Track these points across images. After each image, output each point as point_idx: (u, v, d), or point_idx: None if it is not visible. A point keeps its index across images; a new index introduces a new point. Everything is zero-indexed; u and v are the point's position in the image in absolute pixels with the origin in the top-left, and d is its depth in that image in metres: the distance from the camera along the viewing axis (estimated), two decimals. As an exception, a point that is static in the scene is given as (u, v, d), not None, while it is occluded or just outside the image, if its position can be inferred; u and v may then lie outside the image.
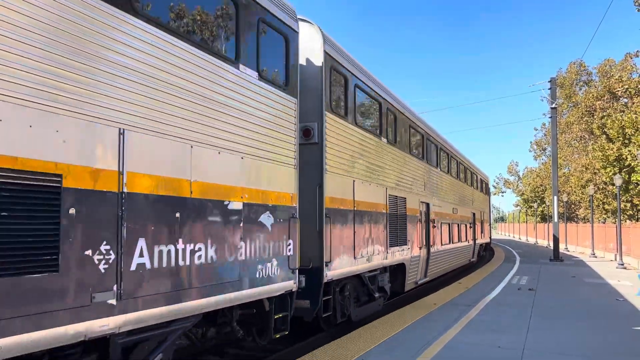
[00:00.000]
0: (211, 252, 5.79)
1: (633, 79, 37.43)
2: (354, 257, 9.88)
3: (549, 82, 32.29)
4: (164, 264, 5.10)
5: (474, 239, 25.75)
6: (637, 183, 30.16)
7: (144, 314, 4.83)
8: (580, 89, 51.20)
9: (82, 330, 4.20)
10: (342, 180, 9.56)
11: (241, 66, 6.47)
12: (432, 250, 15.95)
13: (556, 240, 29.87)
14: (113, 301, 4.48)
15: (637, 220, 33.49)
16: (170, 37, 5.33)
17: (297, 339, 9.26)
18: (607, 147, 34.19)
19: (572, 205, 56.20)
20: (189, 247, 5.44)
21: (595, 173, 39.49)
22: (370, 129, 11.40)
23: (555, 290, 15.38)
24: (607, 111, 39.83)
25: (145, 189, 4.93)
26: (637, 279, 16.03)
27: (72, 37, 4.29)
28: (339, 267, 9.17)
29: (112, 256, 4.50)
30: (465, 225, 23.24)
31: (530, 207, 73.39)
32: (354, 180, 10.09)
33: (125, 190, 4.68)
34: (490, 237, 34.65)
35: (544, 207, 66.17)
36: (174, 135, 5.29)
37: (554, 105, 31.82)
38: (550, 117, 32.26)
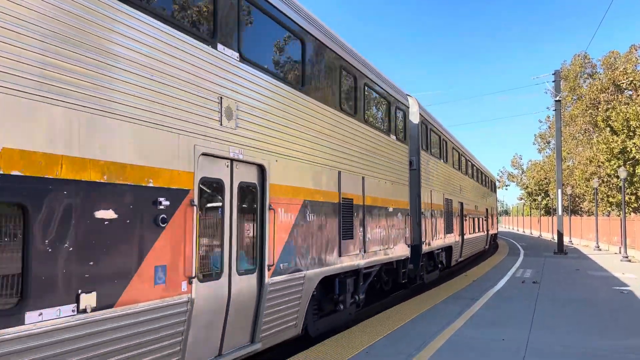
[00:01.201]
0: (382, 233, 11.10)
1: (638, 71, 37.21)
2: (433, 239, 15.89)
3: (553, 74, 32.14)
4: (371, 237, 10.49)
5: (487, 230, 30.87)
6: (641, 175, 30.06)
7: (367, 260, 10.25)
8: (585, 82, 50.94)
9: (355, 264, 9.62)
10: (428, 192, 15.61)
11: (391, 135, 12.00)
12: (465, 237, 21.91)
13: (560, 234, 29.82)
14: (362, 254, 9.92)
15: (642, 213, 33.38)
16: (354, 121, 9.76)
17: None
18: (611, 140, 34.04)
19: (577, 198, 56.07)
20: (374, 229, 10.70)
21: (599, 166, 39.34)
22: (437, 156, 17.45)
23: (560, 283, 15.38)
24: (612, 104, 39.63)
25: (357, 201, 9.79)
26: (642, 271, 15.98)
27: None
28: (427, 245, 15.12)
29: (361, 234, 9.90)
30: (482, 219, 28.17)
31: (535, 200, 73.26)
32: (431, 190, 15.98)
33: (365, 203, 10.14)
34: (497, 229, 40.84)
35: (548, 200, 66.05)
36: (357, 173, 9.85)
37: (558, 98, 31.68)
38: (555, 110, 32.12)
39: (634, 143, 30.53)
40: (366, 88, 10.51)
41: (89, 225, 4.24)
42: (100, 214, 4.36)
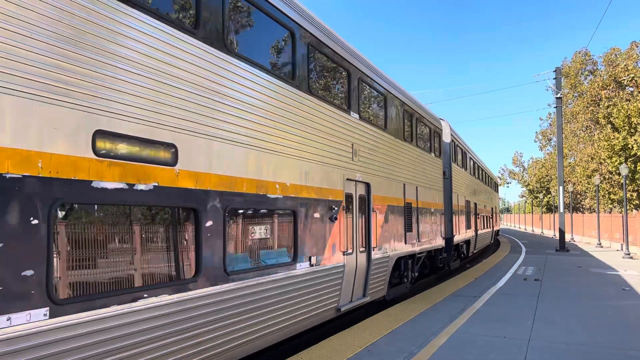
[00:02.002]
0: (428, 227, 14.58)
1: (639, 67, 37.14)
2: (458, 233, 19.51)
3: (554, 71, 32.08)
4: (422, 231, 13.90)
5: (492, 226, 34.49)
6: (643, 172, 30.00)
7: (420, 247, 13.69)
8: (586, 79, 50.84)
9: (413, 250, 13.16)
10: (455, 195, 19.24)
11: (431, 153, 15.57)
12: (478, 232, 25.60)
13: (562, 231, 29.81)
14: (417, 243, 13.41)
15: (644, 210, 33.33)
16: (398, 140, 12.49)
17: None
18: (612, 137, 33.98)
19: (578, 196, 56.00)
20: (423, 225, 14.13)
21: (601, 163, 39.28)
22: (460, 165, 21.37)
23: (561, 281, 15.37)
24: (613, 100, 39.56)
25: (414, 204, 13.42)
26: (644, 268, 15.96)
27: None
28: (457, 237, 19.06)
29: (416, 228, 13.38)
30: (489, 217, 32.01)
31: (536, 197, 73.19)
32: (457, 194, 19.65)
33: (418, 206, 13.76)
34: (499, 225, 45.52)
35: (549, 198, 65.98)
36: (413, 183, 13.35)
37: (559, 95, 31.62)
38: (556, 107, 32.09)
39: (635, 140, 30.47)
40: (418, 122, 14.36)
41: (311, 222, 7.90)
42: (315, 215, 8.03)
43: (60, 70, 4.10)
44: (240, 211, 6.41)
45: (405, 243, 12.49)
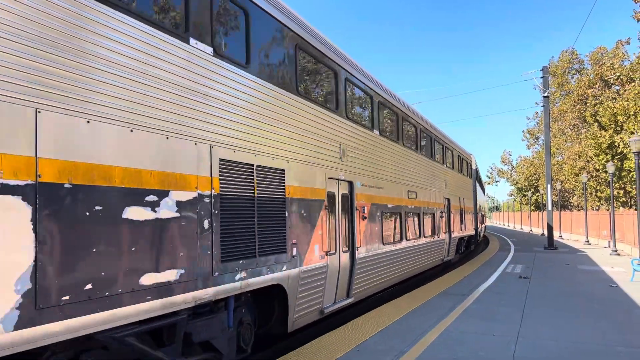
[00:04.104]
0: (467, 220, 24.83)
1: (624, 66, 37.51)
2: (479, 226, 30.41)
3: (541, 70, 32.32)
4: (465, 222, 24.61)
5: (484, 222, 43.18)
6: (629, 170, 30.25)
7: (463, 234, 23.96)
8: (573, 77, 51.26)
9: (461, 235, 22.99)
10: (477, 201, 28.87)
11: (464, 175, 25.11)
12: (479, 228, 31.33)
13: (550, 228, 30.02)
14: (461, 230, 23.14)
15: (630, 207, 33.67)
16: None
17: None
18: (599, 135, 34.30)
19: (566, 193, 56.47)
20: (467, 219, 24.95)
21: (588, 161, 39.64)
22: (476, 182, 28.46)
23: (550, 278, 15.48)
24: (600, 99, 39.92)
25: (461, 207, 23.31)
26: (631, 265, 16.12)
27: None
28: (481, 229, 34.72)
29: (459, 221, 22.99)
30: (484, 215, 40.81)
31: (524, 195, 73.67)
32: (478, 200, 28.58)
33: (463, 207, 24.33)
34: (486, 222, 53.07)
35: (537, 196, 66.46)
36: (458, 196, 22.58)
37: (546, 94, 31.85)
38: (543, 106, 32.32)
39: (622, 138, 30.78)
40: (455, 155, 20.14)
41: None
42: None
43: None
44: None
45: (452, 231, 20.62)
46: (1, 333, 3.65)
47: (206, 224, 5.67)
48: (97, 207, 4.40)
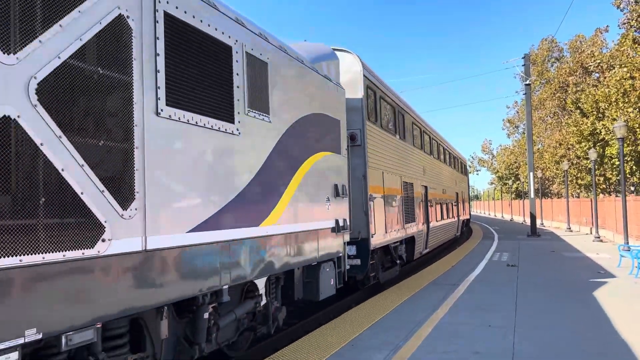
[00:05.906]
0: (463, 208, 30.81)
1: (604, 53, 37.72)
2: (468, 213, 35.16)
3: (522, 58, 32.29)
4: (464, 210, 32.14)
5: (469, 213, 45.45)
6: (611, 157, 30.47)
7: (463, 218, 31.35)
8: (552, 66, 51.58)
9: (462, 219, 30.78)
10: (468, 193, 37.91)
11: (460, 173, 31.08)
12: (461, 218, 31.08)
13: (533, 216, 30.16)
14: (459, 216, 28.74)
15: (610, 194, 33.99)
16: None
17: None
18: (581, 122, 34.48)
19: (546, 181, 57.03)
20: (465, 207, 32.93)
21: (569, 148, 39.91)
22: (464, 175, 33.28)
23: (538, 266, 15.37)
24: (581, 86, 40.16)
25: (465, 197, 33.62)
26: (618, 251, 16.11)
27: None
28: (470, 215, 37.40)
29: (462, 209, 30.92)
30: (469, 205, 42.42)
31: (505, 184, 74.35)
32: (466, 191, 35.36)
33: (466, 198, 35.77)
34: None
35: (518, 184, 67.09)
36: (463, 189, 31.73)
37: (527, 82, 31.85)
38: (525, 94, 32.34)
39: (604, 124, 30.92)
40: (458, 161, 26.92)
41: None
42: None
43: None
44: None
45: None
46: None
47: (406, 207, 14.34)
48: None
